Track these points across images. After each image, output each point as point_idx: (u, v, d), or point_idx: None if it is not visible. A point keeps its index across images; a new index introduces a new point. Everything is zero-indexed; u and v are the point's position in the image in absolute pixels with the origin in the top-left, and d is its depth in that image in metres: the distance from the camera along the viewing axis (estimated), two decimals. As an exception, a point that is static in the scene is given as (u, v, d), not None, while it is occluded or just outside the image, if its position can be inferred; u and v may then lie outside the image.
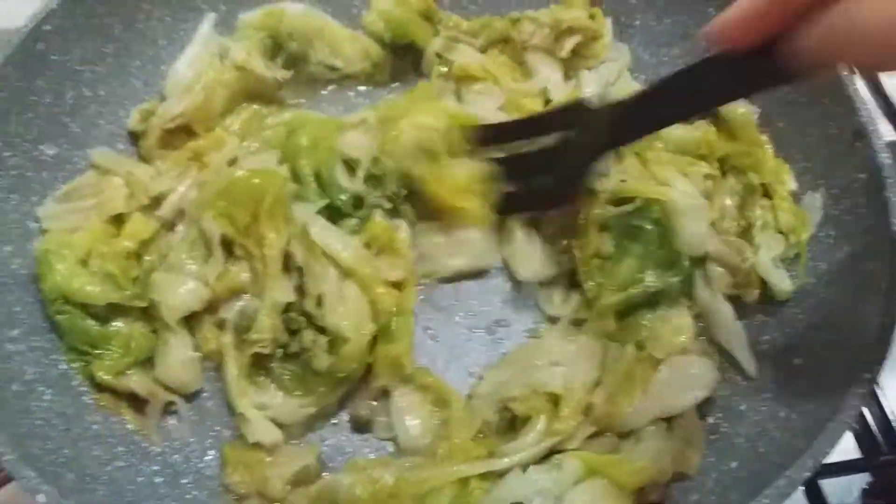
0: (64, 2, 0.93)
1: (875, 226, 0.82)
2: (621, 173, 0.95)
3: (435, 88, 1.06)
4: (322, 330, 0.86)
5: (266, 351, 0.86)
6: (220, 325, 0.89)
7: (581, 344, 0.84)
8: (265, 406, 0.86)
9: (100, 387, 0.86)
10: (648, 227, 0.90)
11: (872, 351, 0.74)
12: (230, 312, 0.88)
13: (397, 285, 0.90)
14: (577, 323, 0.90)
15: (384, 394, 0.88)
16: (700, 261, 0.91)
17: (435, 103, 1.01)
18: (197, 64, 1.04)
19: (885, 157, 0.83)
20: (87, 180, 0.96)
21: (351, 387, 0.88)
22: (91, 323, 0.87)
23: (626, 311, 0.89)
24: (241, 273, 0.88)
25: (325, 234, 0.88)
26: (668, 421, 0.83)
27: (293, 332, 0.87)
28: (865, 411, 0.99)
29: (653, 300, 0.88)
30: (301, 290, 0.87)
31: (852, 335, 0.79)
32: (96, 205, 0.93)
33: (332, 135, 0.98)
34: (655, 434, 0.82)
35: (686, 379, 0.84)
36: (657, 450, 0.80)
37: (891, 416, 0.98)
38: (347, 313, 0.86)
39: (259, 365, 0.88)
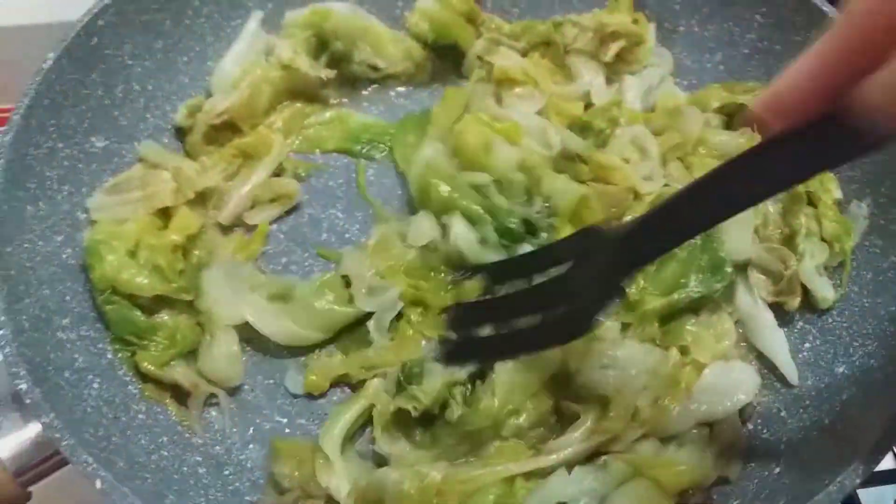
0: (117, -3, 0.95)
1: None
2: (666, 178, 0.95)
3: (467, 93, 1.06)
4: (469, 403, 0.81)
5: (415, 414, 0.81)
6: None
7: (629, 348, 0.84)
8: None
9: (144, 377, 0.87)
10: (692, 232, 0.90)
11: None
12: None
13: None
14: (622, 327, 0.90)
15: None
16: (742, 267, 0.91)
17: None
18: (243, 61, 1.05)
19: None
20: (135, 173, 0.97)
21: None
22: (138, 314, 0.88)
23: (670, 317, 0.88)
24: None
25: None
26: (710, 426, 0.83)
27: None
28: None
29: (695, 306, 0.88)
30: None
31: (897, 344, 0.79)
32: (143, 197, 0.94)
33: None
34: (697, 438, 0.82)
35: (729, 384, 0.84)
36: (699, 454, 0.80)
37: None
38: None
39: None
